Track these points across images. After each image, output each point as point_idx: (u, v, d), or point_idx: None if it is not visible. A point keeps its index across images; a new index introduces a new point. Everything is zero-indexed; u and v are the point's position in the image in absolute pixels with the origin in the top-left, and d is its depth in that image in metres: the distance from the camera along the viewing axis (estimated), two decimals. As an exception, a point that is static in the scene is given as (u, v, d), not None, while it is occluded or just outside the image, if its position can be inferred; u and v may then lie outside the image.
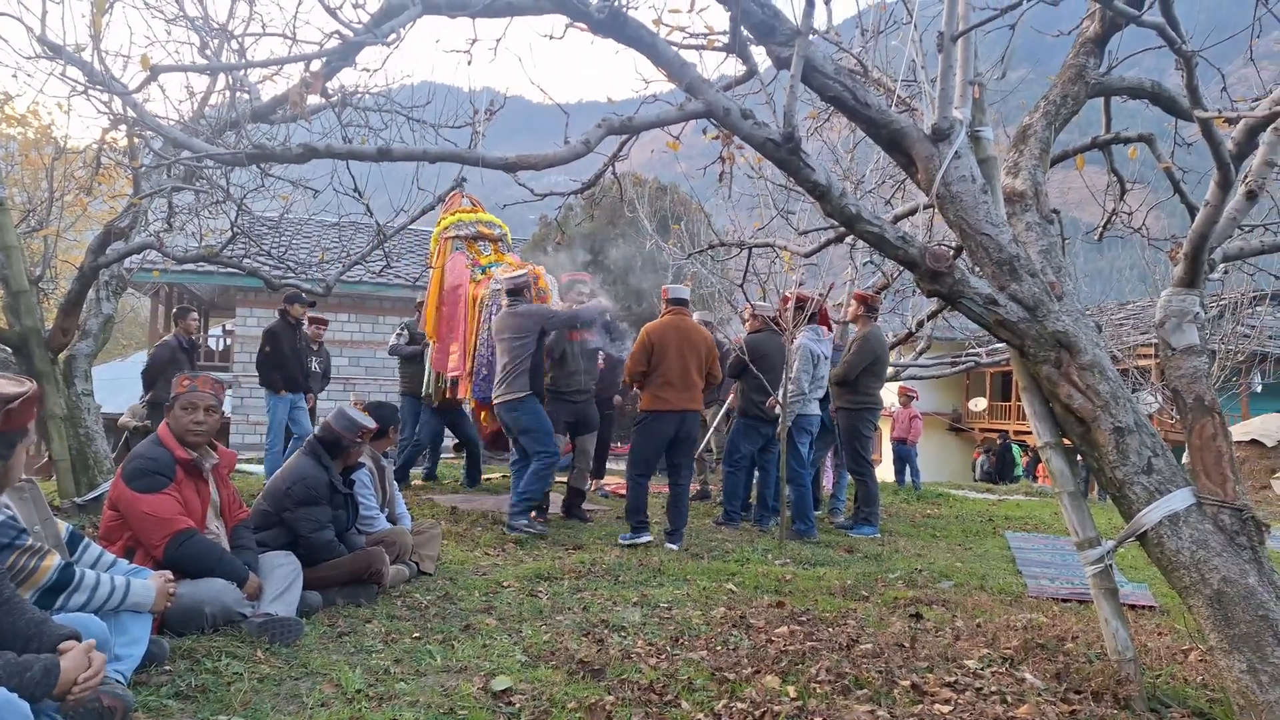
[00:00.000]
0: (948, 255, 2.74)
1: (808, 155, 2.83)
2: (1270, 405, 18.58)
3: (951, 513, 8.52)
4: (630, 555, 4.98)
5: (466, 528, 5.71)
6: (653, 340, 5.51)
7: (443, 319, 7.16)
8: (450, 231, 7.44)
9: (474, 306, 6.96)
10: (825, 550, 5.68)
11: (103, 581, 2.54)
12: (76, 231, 9.24)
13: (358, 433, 3.90)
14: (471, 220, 7.52)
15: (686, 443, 5.56)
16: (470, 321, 6.95)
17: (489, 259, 7.36)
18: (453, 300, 7.10)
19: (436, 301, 7.22)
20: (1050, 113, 3.10)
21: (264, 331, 7.56)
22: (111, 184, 7.66)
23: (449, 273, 7.24)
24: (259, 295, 15.65)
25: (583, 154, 2.88)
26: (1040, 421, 2.80)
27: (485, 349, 6.72)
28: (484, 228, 7.49)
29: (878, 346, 6.65)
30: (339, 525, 3.86)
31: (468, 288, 7.06)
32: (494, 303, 6.76)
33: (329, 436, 3.88)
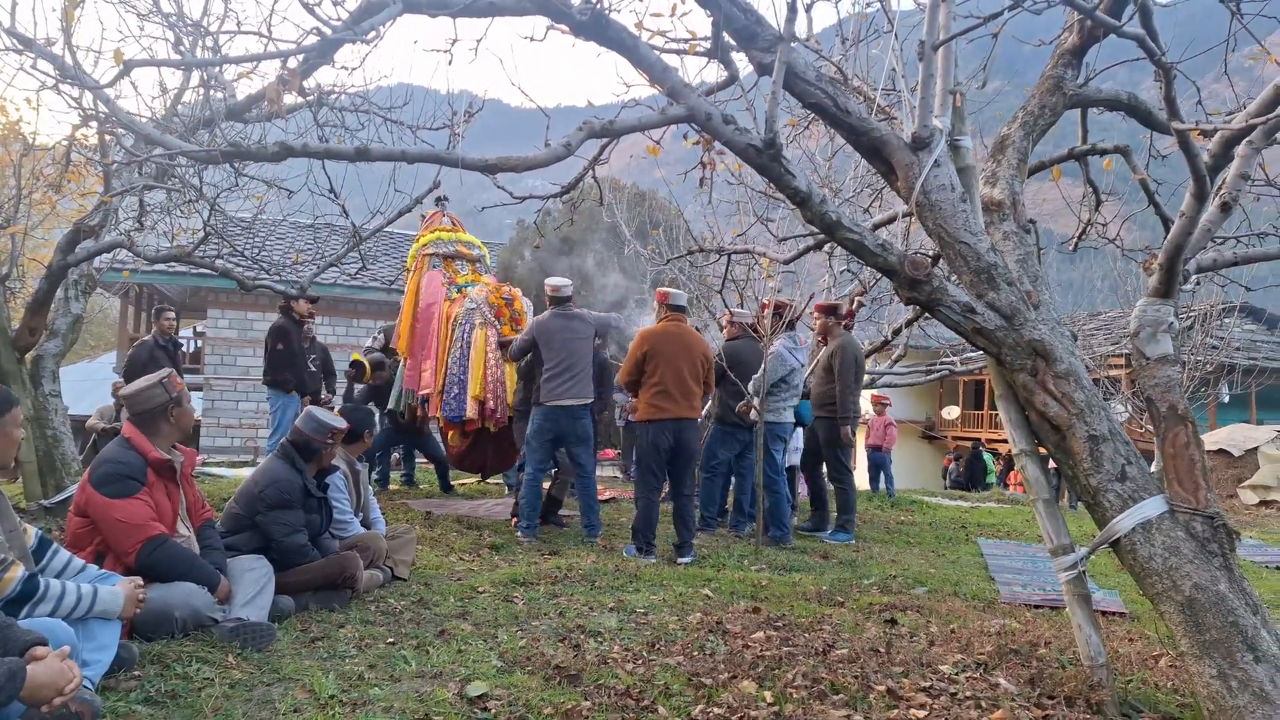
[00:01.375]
0: (926, 263, 2.75)
1: (789, 161, 2.84)
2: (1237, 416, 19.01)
3: (925, 520, 8.57)
4: (606, 561, 4.95)
5: (441, 533, 5.65)
6: (647, 345, 5.39)
7: (415, 336, 7.08)
8: (429, 249, 7.38)
9: (447, 324, 6.90)
10: (801, 556, 5.68)
11: (68, 591, 2.49)
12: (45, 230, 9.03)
13: (327, 434, 3.84)
14: (451, 239, 7.46)
15: (685, 452, 5.43)
16: (443, 339, 6.87)
17: (465, 278, 7.31)
18: (426, 318, 7.03)
19: (410, 318, 7.12)
20: (1028, 123, 3.13)
21: (272, 329, 7.27)
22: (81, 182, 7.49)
23: (424, 290, 7.16)
24: (230, 296, 15.44)
25: (563, 157, 2.87)
26: (1016, 429, 2.82)
27: (457, 367, 6.68)
28: (463, 247, 7.45)
29: (857, 353, 6.69)
30: (312, 529, 3.80)
31: (441, 305, 6.98)
32: (467, 321, 6.73)
33: (299, 439, 3.83)
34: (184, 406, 3.34)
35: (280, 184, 5.59)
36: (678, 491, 5.51)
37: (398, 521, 5.69)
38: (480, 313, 6.76)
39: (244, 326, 15.75)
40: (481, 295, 6.88)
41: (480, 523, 6.18)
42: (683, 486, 5.50)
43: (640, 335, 5.54)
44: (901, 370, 10.54)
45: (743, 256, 6.89)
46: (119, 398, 7.80)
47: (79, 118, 5.00)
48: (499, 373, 6.69)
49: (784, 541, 6.02)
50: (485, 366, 6.63)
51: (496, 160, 2.78)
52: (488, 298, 6.85)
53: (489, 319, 6.75)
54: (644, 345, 5.42)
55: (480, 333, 6.71)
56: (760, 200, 7.04)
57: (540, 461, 5.85)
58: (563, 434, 5.79)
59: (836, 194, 7.50)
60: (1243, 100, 3.11)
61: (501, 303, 6.90)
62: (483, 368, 6.63)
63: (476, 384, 6.58)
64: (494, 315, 6.79)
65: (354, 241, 5.87)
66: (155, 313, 8.20)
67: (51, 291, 5.79)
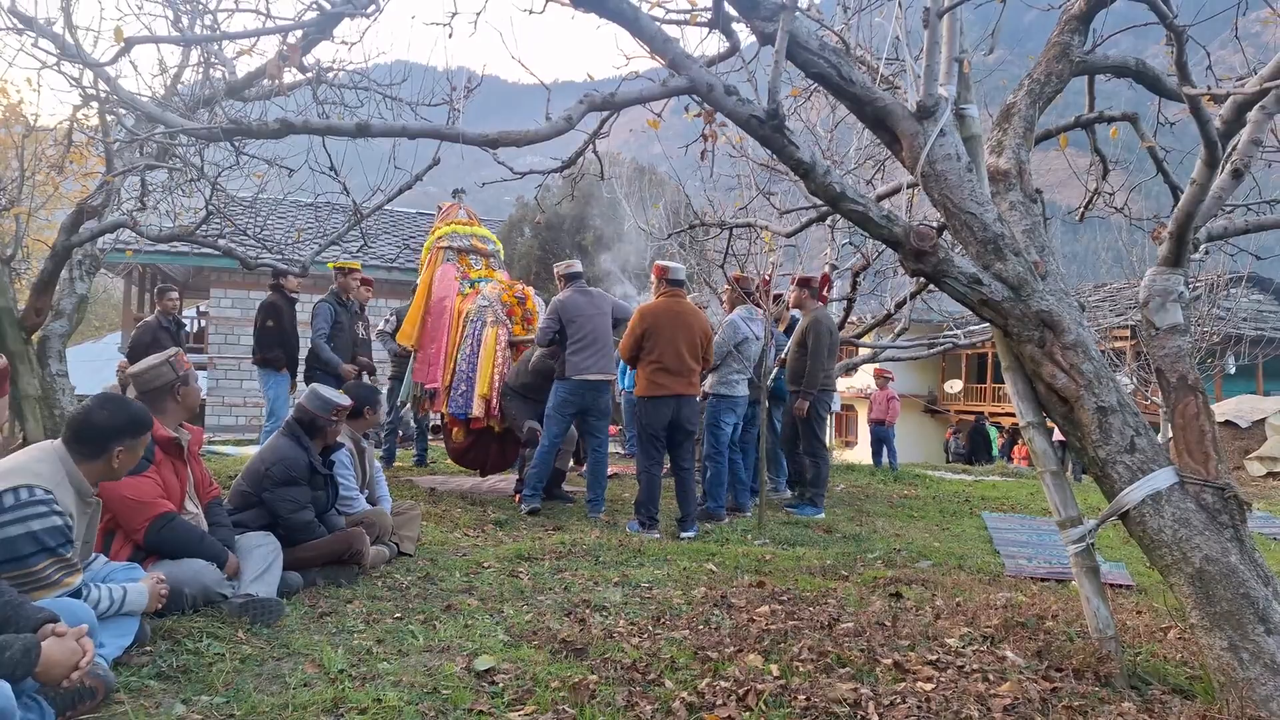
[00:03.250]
0: (932, 234, 2.72)
1: (792, 132, 2.79)
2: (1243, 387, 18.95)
3: (929, 493, 8.58)
4: (611, 536, 4.96)
5: (446, 509, 5.67)
6: (647, 322, 5.38)
7: (426, 330, 6.96)
8: (444, 241, 7.27)
9: (458, 320, 6.81)
10: (804, 531, 5.70)
11: (103, 596, 2.56)
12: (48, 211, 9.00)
13: (332, 411, 3.84)
14: (467, 233, 7.35)
15: (685, 427, 5.43)
16: (453, 334, 6.77)
17: (479, 273, 7.22)
18: (438, 311, 6.91)
19: (422, 310, 7.00)
20: (1034, 91, 3.07)
21: (263, 305, 7.01)
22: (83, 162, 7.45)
23: (438, 283, 7.05)
24: (233, 276, 15.41)
25: (565, 130, 2.83)
26: (1023, 401, 2.79)
27: (466, 364, 6.60)
28: (478, 242, 7.35)
29: (831, 328, 6.67)
30: (319, 506, 3.81)
31: (454, 300, 6.88)
32: (478, 319, 6.65)
33: (304, 417, 3.82)
34: (190, 385, 3.33)
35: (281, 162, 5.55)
36: (678, 466, 5.53)
37: (402, 498, 5.70)
38: (492, 310, 6.69)
39: (247, 306, 15.72)
40: (494, 293, 6.81)
41: (484, 499, 6.20)
42: (682, 461, 5.51)
43: (639, 312, 5.51)
44: (904, 343, 10.50)
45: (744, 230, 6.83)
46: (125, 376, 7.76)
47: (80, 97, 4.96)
48: (508, 371, 6.61)
49: (716, 516, 5.98)
50: (494, 365, 6.55)
51: (498, 135, 2.74)
52: (500, 295, 6.79)
53: (500, 317, 6.69)
54: (643, 322, 5.40)
55: (491, 331, 6.62)
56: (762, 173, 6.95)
57: (558, 435, 5.90)
58: (586, 408, 5.87)
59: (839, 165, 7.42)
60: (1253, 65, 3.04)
61: (514, 301, 6.82)
62: (491, 366, 6.55)
63: (484, 382, 6.50)
64: (505, 314, 6.73)
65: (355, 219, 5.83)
66: (158, 292, 8.11)
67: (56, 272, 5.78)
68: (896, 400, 11.63)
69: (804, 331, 6.52)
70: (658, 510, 5.44)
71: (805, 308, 6.70)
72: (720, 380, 6.11)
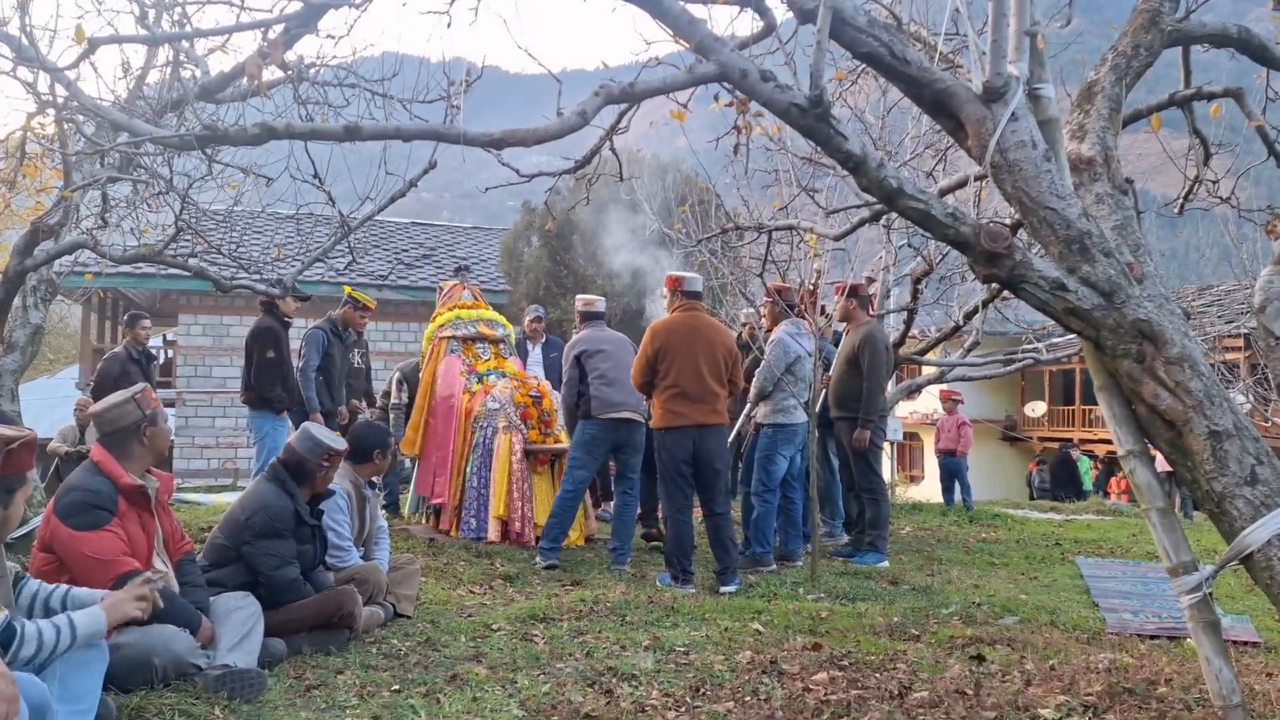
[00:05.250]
0: (1006, 233, 2.71)
1: (838, 121, 2.80)
2: (1375, 403, 18.50)
3: (1011, 536, 8.48)
4: (639, 591, 4.94)
5: (448, 562, 5.68)
6: (660, 341, 5.34)
7: (430, 433, 6.95)
8: (446, 330, 7.29)
9: (465, 421, 6.80)
10: (865, 583, 5.63)
11: (45, 630, 2.49)
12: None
13: (323, 455, 3.88)
14: (472, 319, 7.38)
15: (712, 463, 5.37)
16: (459, 440, 6.76)
17: (487, 364, 7.23)
18: (444, 412, 6.90)
19: (425, 413, 7.01)
20: (1120, 66, 3.07)
21: (256, 333, 6.88)
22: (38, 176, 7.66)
23: (441, 379, 7.07)
24: (204, 299, 15.72)
25: (579, 126, 2.86)
26: (1121, 426, 2.76)
27: (476, 479, 6.57)
28: (485, 327, 7.38)
29: (887, 343, 6.64)
30: (305, 562, 3.84)
31: (460, 400, 6.88)
32: (488, 424, 6.66)
33: (292, 459, 3.87)
34: (159, 425, 3.39)
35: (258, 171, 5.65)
36: (710, 510, 5.47)
37: (398, 550, 5.73)
38: (504, 414, 6.69)
39: (219, 333, 16.03)
40: (506, 394, 6.81)
41: (491, 550, 6.21)
42: (715, 504, 5.45)
43: (651, 330, 5.49)
44: (976, 360, 10.41)
45: (785, 233, 6.84)
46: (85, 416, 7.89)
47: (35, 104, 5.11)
48: (526, 487, 6.57)
49: (762, 563, 5.95)
50: (510, 479, 6.52)
51: (503, 134, 2.78)
52: (512, 396, 6.79)
53: (514, 422, 6.67)
54: (656, 341, 5.37)
55: (504, 439, 6.61)
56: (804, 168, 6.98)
57: (586, 478, 6.00)
58: (620, 444, 5.99)
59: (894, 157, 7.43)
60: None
61: (528, 401, 6.82)
62: (507, 480, 6.51)
63: (500, 501, 6.46)
64: (520, 416, 6.71)
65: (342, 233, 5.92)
66: (129, 320, 8.19)
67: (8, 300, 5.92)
68: (968, 427, 11.50)
69: (856, 348, 6.49)
70: (691, 561, 5.41)
71: (856, 320, 6.67)
72: (775, 408, 6.10)
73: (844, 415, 6.56)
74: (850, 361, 6.53)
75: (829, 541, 7.05)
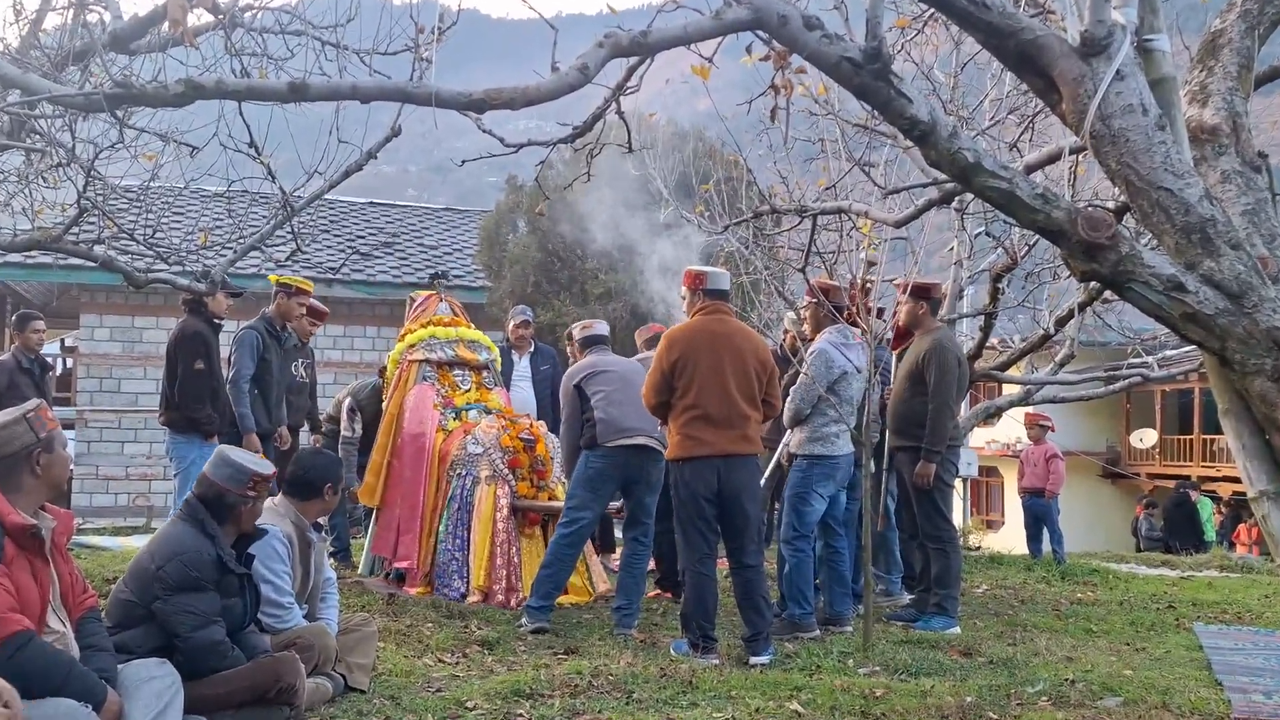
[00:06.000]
0: (1110, 220, 2.72)
1: (900, 79, 2.82)
2: None
3: (1113, 596, 8.47)
4: (649, 662, 4.94)
5: (411, 623, 5.69)
6: (678, 352, 5.33)
7: (394, 478, 6.97)
8: (418, 351, 7.33)
9: (439, 467, 6.82)
10: (931, 653, 5.62)
11: None
12: None
13: (248, 483, 3.90)
14: (449, 338, 7.43)
15: (741, 502, 5.35)
16: (430, 488, 6.78)
17: (466, 396, 7.27)
18: (413, 454, 6.90)
19: (387, 452, 7.01)
20: (1252, 12, 3.08)
21: (181, 339, 6.85)
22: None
23: (410, 412, 7.09)
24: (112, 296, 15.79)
25: (578, 85, 2.89)
26: (1251, 461, 2.76)
27: (451, 539, 6.59)
28: (465, 349, 7.43)
29: (960, 356, 6.64)
30: (232, 620, 3.85)
31: (433, 438, 6.91)
32: (467, 472, 6.70)
33: (210, 493, 3.89)
34: (55, 452, 3.40)
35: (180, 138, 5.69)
36: (739, 561, 5.47)
37: (350, 608, 5.74)
38: (488, 461, 6.71)
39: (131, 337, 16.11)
40: (490, 435, 6.80)
41: (465, 610, 6.21)
42: (744, 554, 5.44)
43: (667, 338, 5.51)
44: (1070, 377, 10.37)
45: (833, 218, 6.85)
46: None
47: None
48: (513, 551, 6.56)
49: (802, 628, 5.94)
50: (493, 542, 6.52)
51: (484, 94, 2.81)
52: (498, 439, 6.77)
53: (500, 471, 6.68)
54: (673, 351, 5.36)
55: (487, 491, 6.63)
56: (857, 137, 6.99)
57: (592, 520, 6.05)
58: (632, 479, 6.02)
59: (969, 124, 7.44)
60: None
61: (518, 445, 6.81)
62: (489, 543, 6.51)
63: (481, 569, 6.47)
64: (507, 464, 6.72)
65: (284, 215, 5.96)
66: (18, 321, 8.25)
67: None
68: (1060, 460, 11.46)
69: (920, 361, 6.49)
70: (714, 625, 5.40)
71: (922, 327, 6.68)
72: (813, 435, 6.10)
73: (905, 444, 6.55)
74: (913, 378, 6.51)
75: (885, 601, 7.03)
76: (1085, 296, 8.52)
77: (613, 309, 14.24)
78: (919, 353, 6.54)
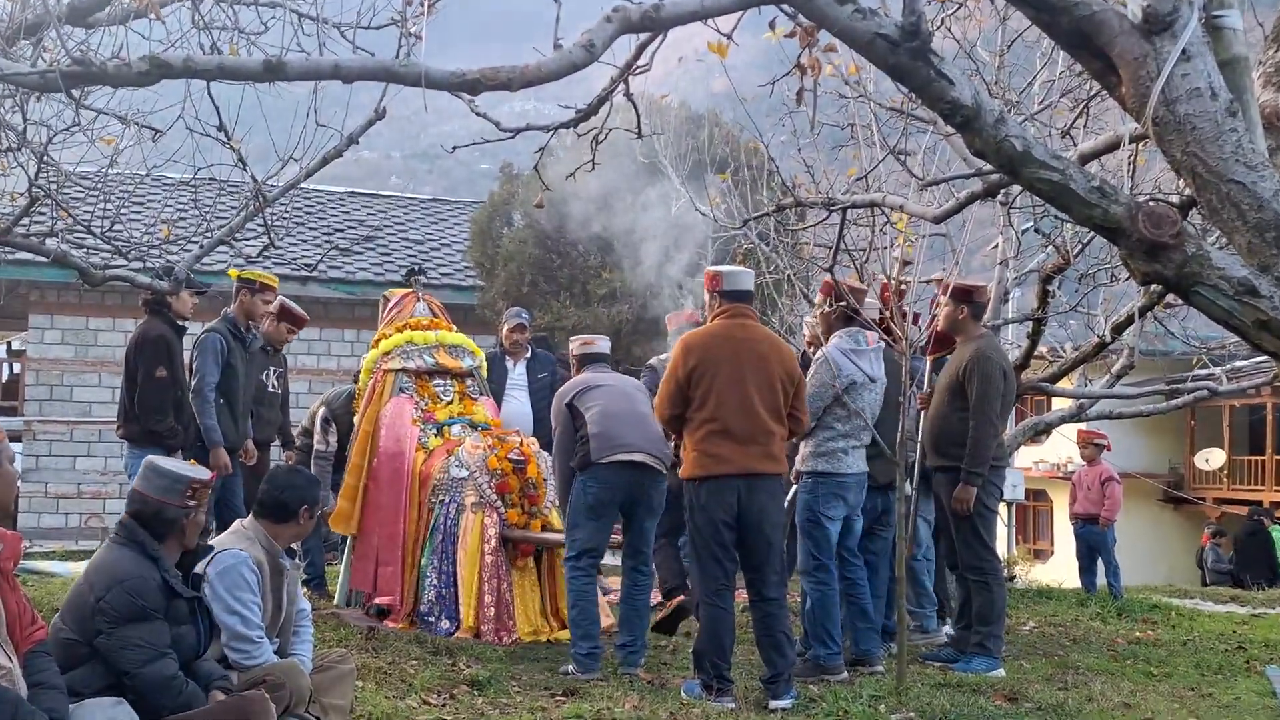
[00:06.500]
0: (1174, 216, 2.71)
1: (940, 59, 2.82)
2: None
3: (1176, 636, 8.45)
4: (657, 704, 4.95)
5: (393, 660, 5.70)
6: (695, 358, 5.35)
7: (371, 504, 6.97)
8: (394, 360, 7.32)
9: (420, 491, 6.82)
10: (971, 697, 5.63)
11: None
12: None
13: (185, 491, 3.90)
14: (429, 343, 7.41)
15: (763, 528, 5.36)
16: (411, 515, 6.78)
17: (449, 409, 7.25)
18: (390, 475, 6.92)
19: (363, 474, 7.01)
20: (1333, -14, 3.07)
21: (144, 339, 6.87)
22: None
23: (386, 429, 7.09)
24: (65, 295, 15.83)
25: (585, 64, 2.90)
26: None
27: (436, 574, 6.58)
28: (446, 355, 7.41)
29: (1006, 366, 6.64)
30: (184, 649, 3.84)
31: (413, 457, 6.91)
32: (451, 498, 6.70)
33: (146, 509, 3.87)
34: (1, 466, 3.41)
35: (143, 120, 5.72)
36: (759, 594, 5.47)
37: (326, 644, 5.74)
38: (474, 485, 6.70)
39: (84, 340, 16.12)
40: (476, 456, 6.80)
41: (453, 645, 6.21)
42: (765, 585, 5.45)
43: (682, 344, 5.53)
44: (1128, 390, 10.36)
45: (864, 213, 6.85)
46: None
47: None
48: (504, 588, 6.55)
49: (828, 669, 5.92)
50: (481, 578, 6.51)
51: (479, 74, 2.81)
52: (485, 459, 6.77)
53: (487, 496, 6.68)
54: (689, 358, 5.37)
55: (474, 520, 6.63)
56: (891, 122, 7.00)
57: (596, 551, 6.02)
58: (632, 500, 5.99)
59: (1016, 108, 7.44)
60: None
61: (508, 469, 6.81)
62: (477, 579, 6.51)
63: (469, 607, 6.47)
64: (496, 489, 6.72)
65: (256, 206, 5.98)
66: None
67: None
68: (1117, 483, 11.43)
69: (961, 371, 6.48)
70: (729, 664, 5.40)
71: (963, 333, 6.67)
72: (817, 450, 6.09)
73: (944, 464, 6.54)
74: (953, 390, 6.51)
75: (920, 639, 7.02)
76: (1146, 301, 8.50)
77: (617, 311, 14.24)
78: (960, 362, 6.53)
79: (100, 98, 6.05)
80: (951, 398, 6.52)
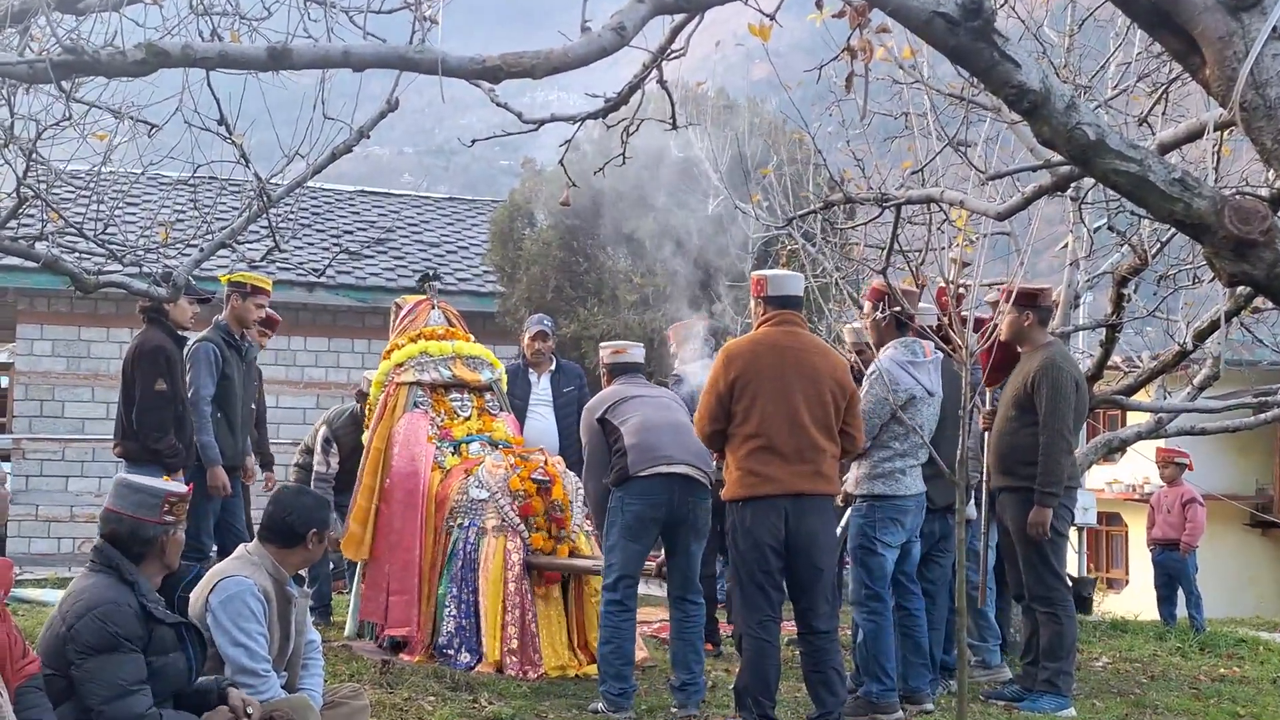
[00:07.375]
0: (1264, 211, 2.68)
1: (1005, 39, 2.81)
2: None
3: (1264, 673, 8.43)
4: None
5: (409, 696, 5.73)
6: (738, 369, 5.37)
7: (383, 527, 7.03)
8: (407, 372, 7.36)
9: (436, 514, 6.86)
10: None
11: None
12: None
13: (162, 506, 3.93)
14: (445, 354, 7.46)
15: (812, 555, 5.36)
16: (427, 540, 6.82)
17: (467, 426, 7.29)
18: (404, 497, 6.97)
19: (375, 496, 7.06)
20: None
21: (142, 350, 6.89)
22: None
23: (400, 447, 7.14)
24: (57, 304, 15.98)
25: (615, 48, 2.90)
26: None
27: (456, 605, 6.60)
28: (463, 367, 7.46)
29: (1078, 377, 6.59)
30: (175, 679, 3.87)
31: (429, 477, 6.96)
32: (470, 521, 6.72)
33: (121, 529, 3.92)
34: None
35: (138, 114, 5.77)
36: (809, 626, 5.47)
37: (336, 678, 5.77)
38: (495, 507, 6.73)
39: (77, 352, 16.25)
40: (497, 476, 6.83)
41: (473, 680, 6.22)
42: (815, 617, 5.45)
43: (724, 354, 5.55)
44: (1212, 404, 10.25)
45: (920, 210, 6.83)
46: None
47: None
48: (528, 619, 6.56)
49: (882, 708, 5.89)
50: (504, 607, 6.52)
51: (500, 60, 2.83)
52: (507, 480, 6.79)
53: (510, 520, 6.70)
54: (731, 368, 5.40)
55: (496, 544, 6.65)
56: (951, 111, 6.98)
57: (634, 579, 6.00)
58: (674, 520, 5.96)
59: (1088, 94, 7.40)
60: None
61: (531, 490, 6.81)
62: (500, 609, 6.52)
63: (493, 639, 6.48)
64: (519, 512, 6.73)
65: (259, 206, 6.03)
66: None
67: None
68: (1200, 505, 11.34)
69: (1029, 383, 6.46)
70: (774, 702, 5.39)
71: (1029, 341, 6.63)
72: (873, 471, 6.09)
73: (1010, 485, 6.51)
74: (1020, 404, 6.48)
75: (981, 675, 6.98)
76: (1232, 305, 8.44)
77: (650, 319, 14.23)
78: (1026, 373, 6.49)
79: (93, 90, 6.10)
80: (1019, 412, 6.48)
